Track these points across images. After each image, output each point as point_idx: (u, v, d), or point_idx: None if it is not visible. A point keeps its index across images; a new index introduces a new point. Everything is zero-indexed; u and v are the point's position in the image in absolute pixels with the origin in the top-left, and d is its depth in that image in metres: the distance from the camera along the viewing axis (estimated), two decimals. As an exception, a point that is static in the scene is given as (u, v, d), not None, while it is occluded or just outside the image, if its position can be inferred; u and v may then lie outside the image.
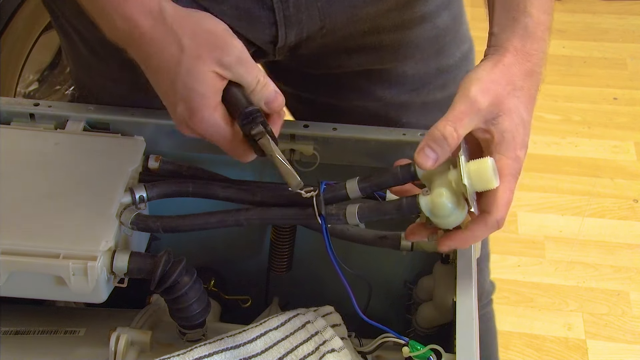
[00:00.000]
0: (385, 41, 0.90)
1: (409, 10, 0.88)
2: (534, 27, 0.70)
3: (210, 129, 0.68)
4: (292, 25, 0.83)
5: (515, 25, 0.70)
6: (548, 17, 0.72)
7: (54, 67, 2.00)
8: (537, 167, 2.17)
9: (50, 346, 0.77)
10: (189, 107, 0.68)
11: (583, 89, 2.47)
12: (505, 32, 0.70)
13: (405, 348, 0.69)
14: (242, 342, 0.70)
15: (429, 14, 0.90)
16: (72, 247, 0.69)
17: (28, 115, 0.86)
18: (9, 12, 1.68)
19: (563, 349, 1.73)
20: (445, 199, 0.65)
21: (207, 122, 0.68)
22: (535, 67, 0.70)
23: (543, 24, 0.71)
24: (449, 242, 0.68)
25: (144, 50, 0.69)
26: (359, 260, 0.86)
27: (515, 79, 0.68)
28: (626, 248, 1.94)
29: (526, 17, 0.70)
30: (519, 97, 0.68)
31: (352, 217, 0.69)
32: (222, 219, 0.73)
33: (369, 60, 0.91)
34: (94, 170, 0.78)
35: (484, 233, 0.67)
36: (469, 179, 0.64)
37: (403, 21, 0.89)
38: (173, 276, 0.70)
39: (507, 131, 0.67)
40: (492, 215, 0.66)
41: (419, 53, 0.92)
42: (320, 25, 0.85)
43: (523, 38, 0.70)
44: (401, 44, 0.91)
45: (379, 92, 0.94)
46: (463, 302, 0.69)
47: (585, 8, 2.80)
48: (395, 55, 0.92)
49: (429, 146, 0.65)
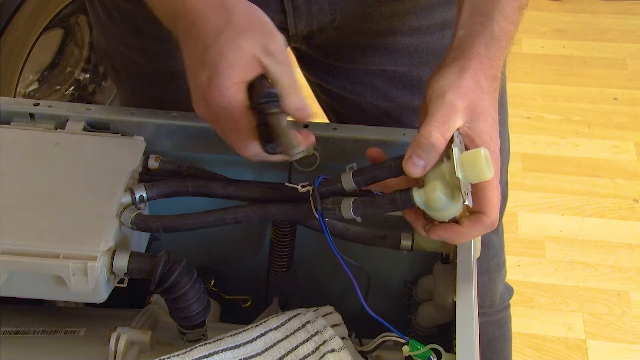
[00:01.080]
0: (401, 44, 0.90)
1: (428, 16, 0.88)
2: (499, 35, 0.71)
3: (223, 101, 0.65)
4: (301, 15, 0.84)
5: (483, 30, 0.71)
6: (513, 28, 0.73)
7: (54, 67, 2.00)
8: (537, 167, 2.17)
9: (50, 346, 0.77)
10: (212, 74, 0.65)
11: (583, 89, 2.47)
12: (472, 36, 0.71)
13: (405, 347, 0.69)
14: (242, 342, 0.70)
15: (451, 22, 0.90)
16: (72, 247, 0.69)
17: (28, 115, 0.86)
18: (9, 12, 1.68)
19: (563, 349, 1.73)
20: (439, 192, 0.65)
21: (223, 93, 0.65)
22: (497, 73, 0.71)
23: (507, 33, 0.72)
24: (441, 232, 0.68)
25: (188, 19, 0.67)
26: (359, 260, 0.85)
27: (482, 82, 0.69)
28: (626, 248, 1.94)
29: (493, 24, 0.71)
30: (487, 100, 0.69)
31: (347, 211, 0.69)
32: (221, 216, 0.73)
33: (383, 60, 0.91)
34: (94, 170, 0.78)
35: (479, 231, 0.67)
36: (463, 170, 0.64)
37: (421, 26, 0.89)
38: (173, 276, 0.70)
39: (485, 132, 0.67)
40: (488, 215, 0.66)
41: (436, 60, 0.92)
42: (331, 18, 0.85)
43: (488, 45, 0.70)
44: (417, 48, 0.91)
45: (394, 93, 0.94)
46: (463, 302, 0.69)
47: (585, 8, 2.80)
48: (410, 59, 0.92)
49: (417, 154, 0.65)
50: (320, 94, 1.01)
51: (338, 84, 0.97)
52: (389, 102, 0.95)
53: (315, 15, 0.85)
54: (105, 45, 0.98)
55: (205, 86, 0.65)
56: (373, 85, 0.95)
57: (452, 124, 0.66)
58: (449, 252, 0.79)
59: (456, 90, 0.67)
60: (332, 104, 1.00)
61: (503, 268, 1.11)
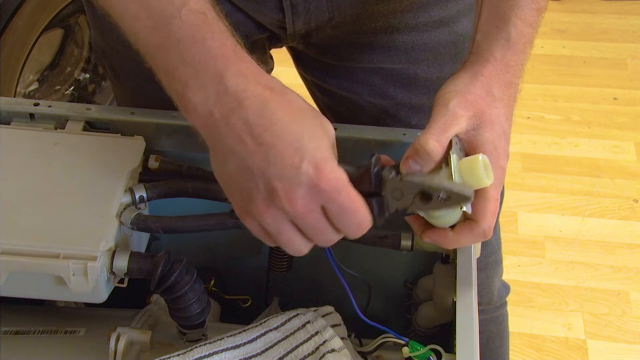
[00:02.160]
0: (398, 41, 0.90)
1: (425, 14, 0.88)
2: (516, 39, 0.70)
3: (339, 184, 0.58)
4: (299, 13, 0.84)
5: (499, 34, 0.70)
6: (531, 31, 0.72)
7: (54, 67, 2.01)
8: (537, 167, 2.17)
9: (50, 346, 0.77)
10: (314, 162, 0.57)
11: (583, 89, 2.47)
12: (488, 40, 0.71)
13: (405, 348, 0.69)
14: (242, 342, 0.70)
15: (448, 19, 0.90)
16: (72, 247, 0.69)
17: (28, 115, 0.86)
18: (9, 12, 1.68)
19: (563, 349, 1.73)
20: None
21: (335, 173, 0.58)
22: (513, 78, 0.70)
23: (526, 36, 0.71)
24: (432, 235, 0.68)
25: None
26: (359, 260, 0.85)
27: (494, 90, 0.68)
28: (626, 248, 1.94)
29: (510, 27, 0.70)
30: (498, 108, 0.68)
31: None
32: (222, 221, 0.73)
33: (380, 58, 0.91)
34: (94, 170, 0.78)
35: (469, 240, 0.67)
36: (461, 177, 0.64)
37: (417, 24, 0.89)
38: (173, 276, 0.70)
39: (489, 142, 0.67)
40: (479, 223, 0.66)
41: (433, 57, 0.92)
42: (329, 16, 0.85)
43: (504, 49, 0.70)
44: (414, 46, 0.91)
45: (391, 91, 0.94)
46: (463, 302, 0.69)
47: (585, 8, 2.80)
48: (407, 57, 0.91)
49: (413, 159, 0.64)
50: (317, 93, 1.01)
51: (335, 83, 0.97)
52: (386, 100, 0.95)
53: (313, 13, 0.84)
54: (104, 45, 0.97)
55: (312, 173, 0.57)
56: (370, 83, 0.95)
57: (451, 133, 0.65)
58: (449, 252, 0.79)
59: (461, 98, 0.66)
60: (330, 102, 1.00)
61: (500, 265, 1.11)
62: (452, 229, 0.68)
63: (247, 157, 0.58)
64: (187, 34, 0.60)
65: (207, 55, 0.60)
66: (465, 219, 0.67)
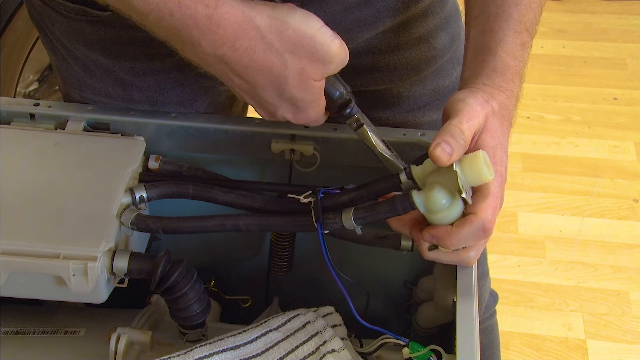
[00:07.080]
0: (380, 62, 0.90)
1: (405, 32, 0.88)
2: (502, 69, 0.72)
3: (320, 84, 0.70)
4: None
5: (484, 66, 0.73)
6: (518, 64, 0.74)
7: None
8: (537, 167, 2.17)
9: (51, 346, 0.77)
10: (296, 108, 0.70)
11: (583, 89, 2.47)
12: (475, 73, 0.73)
13: (405, 349, 0.69)
14: (242, 342, 0.70)
15: (426, 35, 0.90)
16: (72, 247, 0.69)
17: (28, 115, 0.86)
18: (9, 12, 1.68)
19: (563, 349, 1.73)
20: (438, 193, 0.65)
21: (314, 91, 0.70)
22: (507, 101, 0.71)
23: (512, 68, 0.73)
24: (433, 231, 0.68)
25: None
26: (359, 261, 0.86)
27: (492, 103, 0.70)
28: (626, 248, 1.94)
29: (495, 60, 0.73)
30: (496, 121, 0.70)
31: (349, 220, 0.69)
32: (221, 223, 0.73)
33: (363, 81, 0.91)
34: (94, 170, 0.78)
35: (470, 234, 0.67)
36: (462, 171, 0.65)
37: (399, 43, 0.89)
38: (173, 276, 0.70)
39: (489, 147, 0.68)
40: (477, 215, 0.66)
41: (414, 74, 0.92)
42: None
43: (491, 76, 0.72)
44: (396, 65, 0.91)
45: (374, 113, 0.93)
46: (463, 302, 0.69)
47: (585, 8, 2.80)
48: (390, 76, 0.92)
49: (445, 141, 0.65)
50: None
51: None
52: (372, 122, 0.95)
53: None
54: (80, 99, 0.92)
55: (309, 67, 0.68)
56: None
57: (477, 123, 0.67)
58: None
59: (474, 100, 0.69)
60: None
61: (487, 276, 1.12)
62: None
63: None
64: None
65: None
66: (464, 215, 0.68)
